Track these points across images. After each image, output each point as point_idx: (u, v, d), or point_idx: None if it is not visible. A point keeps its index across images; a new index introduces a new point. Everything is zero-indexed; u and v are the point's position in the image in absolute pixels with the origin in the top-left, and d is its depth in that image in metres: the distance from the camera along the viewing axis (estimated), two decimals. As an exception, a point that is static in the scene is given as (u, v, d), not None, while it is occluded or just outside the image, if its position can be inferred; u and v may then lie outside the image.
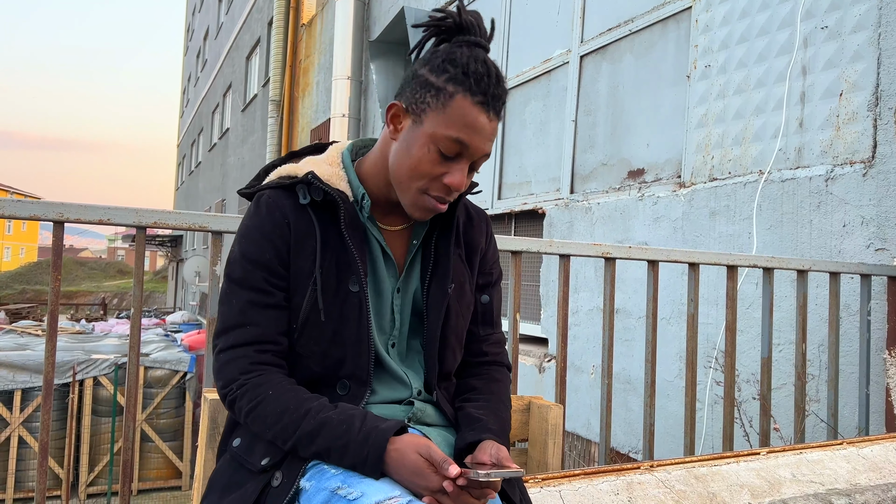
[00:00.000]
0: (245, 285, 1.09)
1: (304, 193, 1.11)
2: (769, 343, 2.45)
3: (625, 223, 4.04)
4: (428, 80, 1.06)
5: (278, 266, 1.09)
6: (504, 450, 1.05)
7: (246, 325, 1.07)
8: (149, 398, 8.84)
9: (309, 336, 1.09)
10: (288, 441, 1.02)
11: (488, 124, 1.05)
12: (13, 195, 43.13)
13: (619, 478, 1.57)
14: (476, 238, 1.25)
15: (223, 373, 1.08)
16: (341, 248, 1.11)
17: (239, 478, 1.07)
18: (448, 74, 1.04)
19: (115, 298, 35.44)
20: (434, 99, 1.04)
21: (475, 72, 1.04)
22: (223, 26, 19.16)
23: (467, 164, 1.07)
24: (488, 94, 1.04)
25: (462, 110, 1.03)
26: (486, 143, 1.06)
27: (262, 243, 1.09)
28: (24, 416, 8.15)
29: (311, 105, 10.36)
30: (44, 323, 13.63)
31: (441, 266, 1.18)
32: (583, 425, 4.27)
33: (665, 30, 3.97)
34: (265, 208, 1.11)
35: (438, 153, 1.05)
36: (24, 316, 20.51)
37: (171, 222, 1.66)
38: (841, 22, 2.89)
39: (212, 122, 20.55)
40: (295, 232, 1.09)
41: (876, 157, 2.71)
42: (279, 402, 1.03)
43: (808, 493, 1.66)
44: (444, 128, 1.03)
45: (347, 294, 1.10)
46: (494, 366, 1.26)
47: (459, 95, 1.03)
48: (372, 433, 0.98)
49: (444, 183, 1.06)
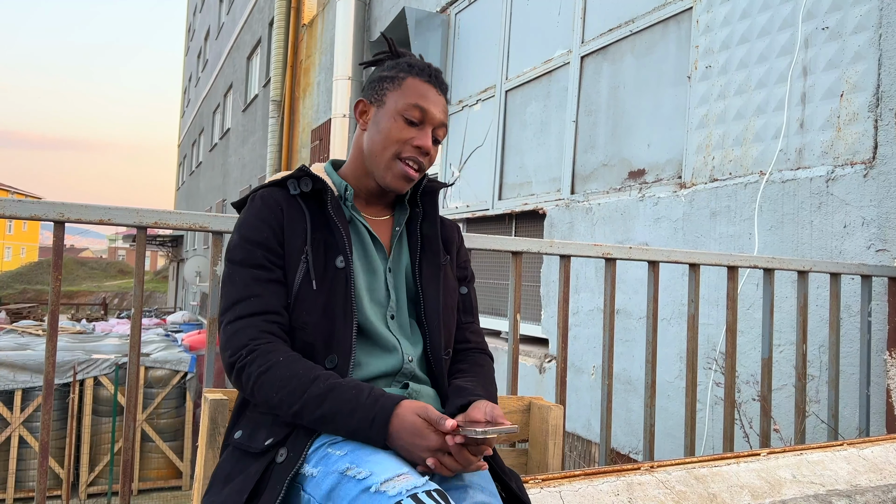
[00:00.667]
0: (246, 264, 1.18)
1: (295, 186, 1.24)
2: (770, 344, 2.45)
3: (625, 224, 4.04)
4: (382, 76, 1.28)
5: (275, 244, 1.19)
6: (498, 408, 1.10)
7: (251, 297, 1.15)
8: (149, 398, 8.83)
9: (302, 308, 1.17)
10: (294, 404, 1.06)
11: (437, 96, 1.26)
12: (14, 195, 43.16)
13: (619, 478, 1.57)
14: (450, 234, 1.40)
15: (232, 342, 1.13)
16: (328, 229, 1.22)
17: (241, 466, 1.10)
18: (397, 68, 1.28)
19: (115, 298, 35.45)
20: (390, 83, 1.26)
21: (417, 63, 1.29)
22: (224, 26, 19.17)
23: (430, 130, 1.25)
24: (431, 75, 1.27)
25: (414, 85, 1.25)
26: (440, 112, 1.26)
27: (259, 225, 1.20)
28: (24, 415, 8.15)
29: (312, 105, 10.36)
30: (44, 323, 13.65)
31: (429, 246, 1.31)
32: (583, 426, 4.27)
33: (666, 30, 3.97)
34: (260, 200, 1.23)
35: (404, 121, 1.23)
36: (25, 316, 20.52)
37: (171, 222, 1.66)
38: (842, 23, 2.89)
39: (213, 122, 20.55)
40: (287, 216, 1.21)
41: (877, 157, 2.71)
42: (289, 368, 1.08)
43: (809, 493, 1.66)
44: (403, 99, 1.24)
45: (335, 270, 1.19)
46: (478, 352, 1.36)
47: (409, 77, 1.26)
48: (381, 398, 1.05)
49: (414, 145, 1.23)
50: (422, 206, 1.34)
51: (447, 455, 1.00)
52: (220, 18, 19.97)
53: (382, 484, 0.93)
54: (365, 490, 0.94)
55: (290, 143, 11.20)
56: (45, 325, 12.39)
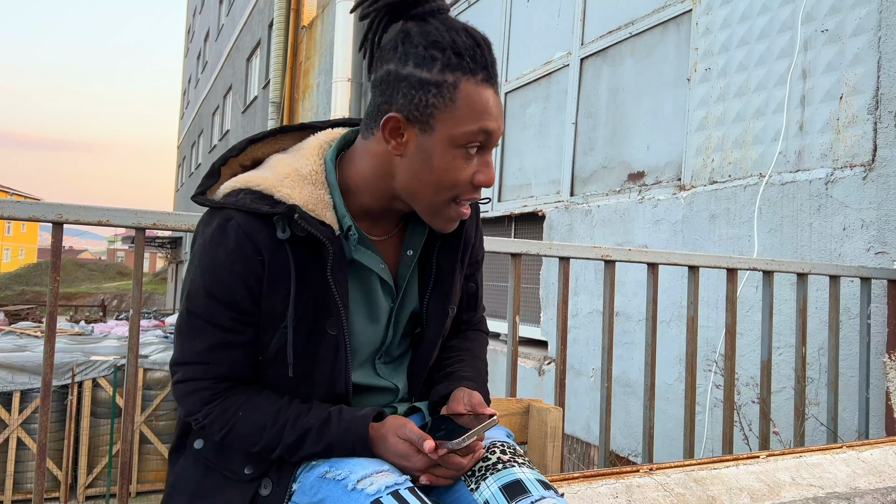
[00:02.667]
0: (211, 322, 0.97)
1: (284, 227, 0.95)
2: (769, 346, 2.44)
3: (625, 226, 4.04)
4: (421, 79, 0.91)
5: (249, 304, 0.97)
6: (476, 395, 1.04)
7: (209, 363, 0.99)
8: (148, 400, 8.82)
9: (277, 372, 1.01)
10: (273, 452, 1.00)
11: (497, 97, 0.95)
12: (12, 196, 43.16)
13: (618, 481, 1.56)
14: (469, 233, 1.15)
15: (185, 403, 1.02)
16: (322, 288, 0.98)
17: (211, 482, 1.03)
18: (440, 63, 0.91)
19: (114, 300, 35.43)
20: (438, 97, 0.91)
21: (465, 46, 0.91)
22: (224, 28, 19.18)
23: (491, 154, 0.97)
24: (487, 66, 0.93)
25: (472, 97, 0.91)
26: (502, 120, 0.96)
27: (231, 281, 0.95)
28: (22, 417, 8.14)
29: (312, 107, 10.37)
30: (43, 324, 13.62)
31: (443, 283, 1.10)
32: (582, 428, 4.26)
33: (665, 33, 3.97)
34: (234, 240, 0.94)
35: (464, 154, 0.93)
36: (24, 317, 20.50)
37: (170, 223, 1.66)
38: (841, 25, 2.89)
39: (212, 123, 20.56)
40: (269, 269, 0.95)
41: (876, 160, 2.71)
42: (253, 421, 0.98)
43: (808, 496, 1.65)
44: (462, 125, 0.91)
45: (324, 336, 1.00)
46: (471, 330, 1.26)
47: (464, 82, 0.91)
48: (352, 424, 0.97)
49: (475, 184, 0.96)
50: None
51: (437, 467, 0.96)
52: (220, 20, 19.99)
53: (359, 481, 0.91)
54: (343, 489, 0.91)
55: (290, 145, 11.20)
56: (43, 327, 12.36)
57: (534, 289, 4.88)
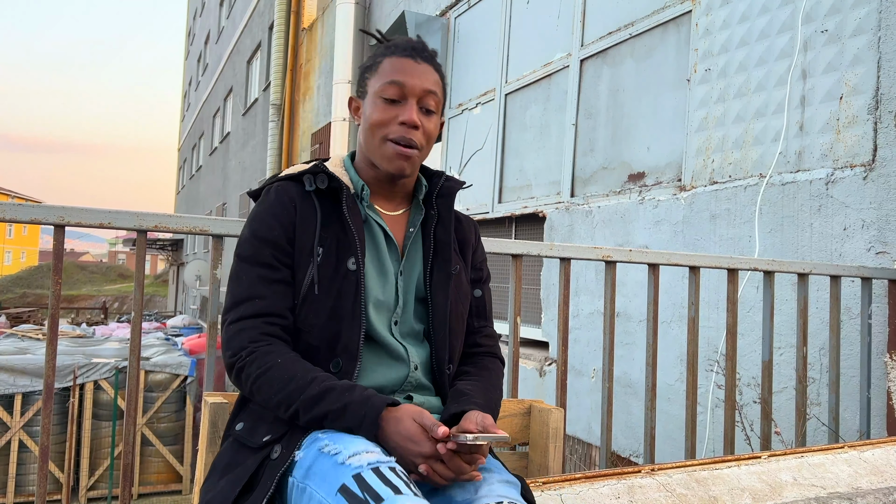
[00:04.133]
0: (254, 262, 1.17)
1: (311, 182, 1.22)
2: (770, 346, 2.44)
3: (625, 226, 4.04)
4: (363, 66, 1.27)
5: (285, 243, 1.17)
6: (489, 418, 1.09)
7: (255, 298, 1.14)
8: (149, 402, 8.82)
9: (308, 310, 1.16)
10: (291, 405, 1.06)
11: (417, 65, 1.22)
12: (14, 199, 43.15)
13: (620, 481, 1.56)
14: (466, 235, 1.36)
15: (233, 342, 1.13)
16: (342, 229, 1.19)
17: (240, 457, 1.11)
18: (376, 54, 1.25)
19: (115, 302, 35.44)
20: (369, 71, 1.25)
21: (396, 42, 1.25)
22: (224, 30, 19.20)
23: (413, 103, 1.20)
24: (408, 48, 1.23)
25: (390, 63, 1.22)
26: (422, 78, 1.21)
27: (270, 222, 1.18)
28: (24, 420, 8.14)
29: (312, 109, 10.37)
30: (44, 327, 13.64)
31: (442, 252, 1.27)
32: (584, 429, 4.26)
33: (665, 33, 3.98)
34: (274, 194, 1.21)
35: (383, 102, 1.20)
36: (25, 320, 20.51)
37: (171, 226, 1.66)
38: (841, 26, 2.89)
39: (213, 125, 20.58)
40: (300, 213, 1.19)
41: (876, 160, 2.72)
42: (287, 370, 1.09)
43: (810, 496, 1.65)
44: (380, 81, 1.21)
45: (346, 272, 1.17)
46: (488, 356, 1.34)
47: (386, 58, 1.23)
48: (372, 398, 1.05)
49: (399, 122, 1.19)
50: (437, 208, 1.30)
51: (439, 462, 1.00)
52: (220, 22, 20.01)
53: (349, 458, 0.96)
54: (333, 464, 0.97)
55: (290, 147, 11.21)
56: (45, 329, 12.38)
57: (535, 290, 4.88)
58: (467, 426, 1.06)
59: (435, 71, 1.24)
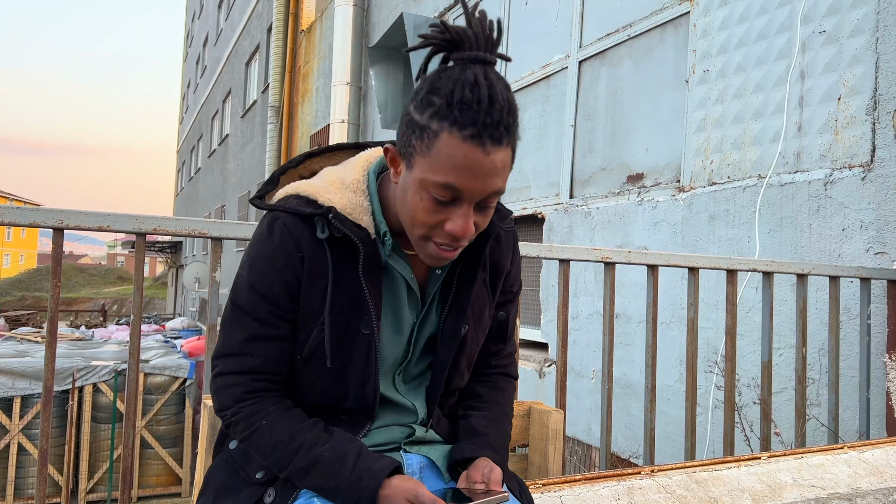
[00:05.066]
0: (250, 314, 1.05)
1: (323, 227, 1.03)
2: (769, 347, 2.44)
3: (624, 227, 4.04)
4: (413, 120, 0.94)
5: (287, 300, 1.04)
6: (497, 471, 1.05)
7: (246, 355, 1.05)
8: (148, 404, 8.81)
9: (312, 371, 1.07)
10: (282, 471, 1.03)
11: (486, 158, 0.90)
12: (12, 202, 43.15)
13: (619, 483, 1.56)
14: (502, 261, 1.18)
15: (219, 397, 1.08)
16: (356, 289, 1.04)
17: (233, 483, 1.08)
18: (432, 109, 0.91)
19: (114, 305, 35.41)
20: (419, 141, 0.92)
21: (461, 100, 0.89)
22: (222, 32, 19.21)
23: (469, 207, 0.94)
24: (479, 124, 0.88)
25: (449, 150, 0.90)
26: (487, 181, 0.92)
27: (272, 276, 1.03)
28: (23, 423, 8.13)
29: (311, 111, 10.37)
30: (43, 329, 13.63)
31: (459, 302, 1.12)
32: (583, 430, 4.26)
33: (664, 34, 3.98)
34: (279, 237, 1.03)
35: (432, 200, 0.94)
36: (24, 322, 20.49)
37: (170, 228, 1.66)
38: (839, 26, 2.90)
39: (211, 127, 20.58)
40: (308, 267, 1.03)
41: (875, 160, 2.72)
42: (272, 434, 1.03)
43: (810, 497, 1.65)
44: (432, 173, 0.91)
45: (357, 334, 1.05)
46: (502, 376, 1.26)
47: (445, 133, 0.90)
48: (364, 476, 0.98)
49: (446, 231, 0.95)
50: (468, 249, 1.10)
51: None
52: (219, 25, 20.01)
53: None
54: None
55: (289, 149, 11.21)
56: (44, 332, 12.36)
57: (534, 291, 4.88)
58: (474, 475, 1.05)
59: (507, 148, 0.92)
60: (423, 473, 1.12)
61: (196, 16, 26.77)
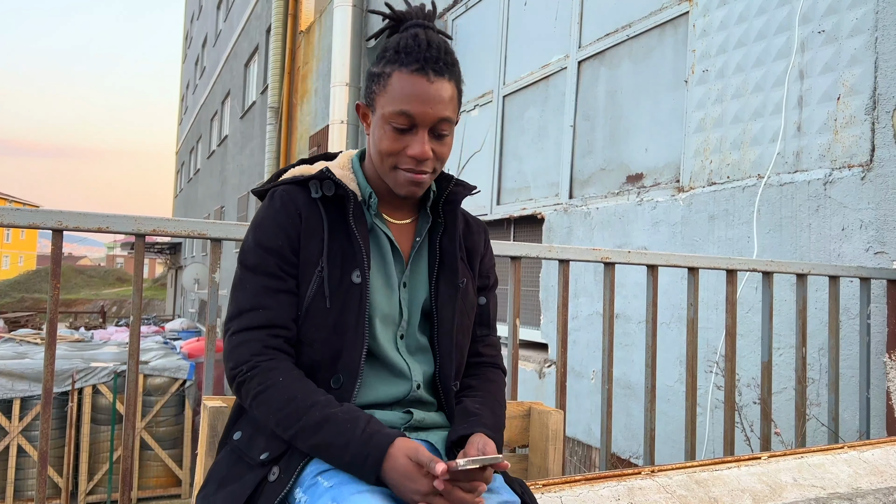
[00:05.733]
0: (258, 271, 1.14)
1: (317, 188, 1.18)
2: (769, 347, 2.44)
3: (624, 228, 4.04)
4: (371, 72, 1.16)
5: (290, 253, 1.14)
6: (492, 444, 1.08)
7: (259, 308, 1.12)
8: (148, 406, 8.81)
9: (311, 323, 1.13)
10: (290, 428, 1.05)
11: (430, 86, 1.10)
12: (11, 203, 43.14)
13: (620, 483, 1.56)
14: (476, 244, 1.31)
15: (234, 354, 1.11)
16: (347, 240, 1.16)
17: (237, 471, 1.10)
18: (384, 60, 1.13)
19: (114, 306, 35.40)
20: (377, 85, 1.14)
21: (405, 46, 1.12)
22: (221, 34, 19.20)
23: (424, 132, 1.12)
24: (421, 60, 1.10)
25: (399, 82, 1.10)
26: (435, 106, 1.11)
27: (275, 231, 1.14)
28: (23, 424, 8.13)
29: (310, 111, 10.38)
30: (42, 331, 13.62)
31: (448, 264, 1.23)
32: (583, 431, 4.26)
33: (663, 35, 3.98)
34: (279, 201, 1.16)
35: (393, 130, 1.12)
36: (23, 324, 20.48)
37: (169, 229, 1.66)
38: (838, 26, 2.90)
39: (210, 129, 20.57)
40: (306, 223, 1.15)
41: (874, 160, 2.72)
42: (287, 390, 1.06)
43: (810, 497, 1.65)
44: (389, 105, 1.11)
45: (350, 285, 1.14)
46: (490, 367, 1.30)
47: (395, 72, 1.11)
48: (375, 435, 1.02)
49: (408, 155, 1.12)
50: (444, 215, 1.25)
51: (438, 496, 0.98)
52: (218, 26, 20.01)
53: None
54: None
55: (288, 150, 11.21)
56: (43, 334, 12.36)
57: (533, 291, 4.88)
58: (469, 451, 1.06)
59: (450, 82, 1.13)
60: None
61: (195, 17, 26.77)
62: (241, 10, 15.95)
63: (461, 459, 0.97)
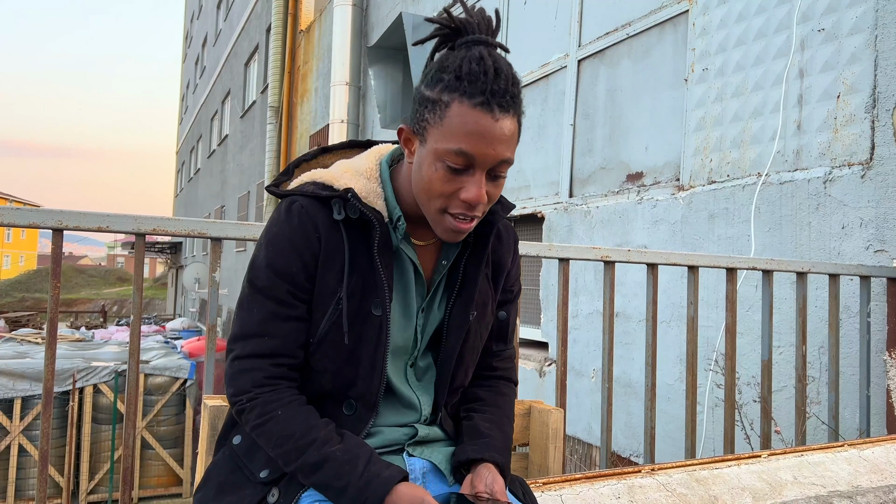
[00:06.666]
0: (268, 295, 1.05)
1: (340, 209, 1.06)
2: (769, 345, 2.44)
3: (624, 226, 4.04)
4: (424, 96, 1.00)
5: (304, 280, 1.05)
6: (500, 481, 1.05)
7: (265, 335, 1.05)
8: (149, 405, 8.82)
9: (324, 353, 1.07)
10: (290, 465, 1.02)
11: (495, 124, 0.95)
12: (12, 203, 43.16)
13: (620, 481, 1.56)
14: (504, 257, 1.21)
15: (236, 381, 1.06)
16: (370, 270, 1.07)
17: (236, 479, 1.08)
18: (441, 84, 0.98)
19: (114, 305, 35.41)
20: (431, 114, 0.98)
21: (469, 72, 0.96)
22: (221, 33, 19.20)
23: (482, 175, 0.99)
24: (486, 92, 0.95)
25: (460, 118, 0.95)
26: (498, 147, 0.97)
27: (289, 255, 1.05)
28: (24, 424, 8.13)
29: (310, 111, 10.37)
30: (43, 331, 13.62)
31: (467, 290, 1.15)
32: (584, 429, 4.26)
33: (662, 33, 3.98)
34: (297, 218, 1.06)
35: (447, 169, 0.98)
36: (24, 324, 20.49)
37: (170, 229, 1.66)
38: (838, 24, 2.90)
39: (210, 128, 20.57)
40: (325, 247, 1.05)
41: (874, 158, 2.72)
42: (287, 425, 1.02)
43: (810, 495, 1.65)
44: (444, 142, 0.96)
45: (369, 316, 1.07)
46: (502, 380, 1.26)
47: (455, 103, 0.96)
48: (373, 481, 0.98)
49: (461, 199, 0.99)
50: (474, 236, 1.14)
51: None
52: (218, 25, 20.01)
53: None
54: None
55: (289, 149, 11.21)
56: (44, 333, 12.36)
57: (534, 290, 4.89)
58: (477, 484, 1.04)
59: (514, 118, 0.98)
60: (426, 478, 1.12)
61: (195, 16, 26.76)
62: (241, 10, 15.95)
63: None
